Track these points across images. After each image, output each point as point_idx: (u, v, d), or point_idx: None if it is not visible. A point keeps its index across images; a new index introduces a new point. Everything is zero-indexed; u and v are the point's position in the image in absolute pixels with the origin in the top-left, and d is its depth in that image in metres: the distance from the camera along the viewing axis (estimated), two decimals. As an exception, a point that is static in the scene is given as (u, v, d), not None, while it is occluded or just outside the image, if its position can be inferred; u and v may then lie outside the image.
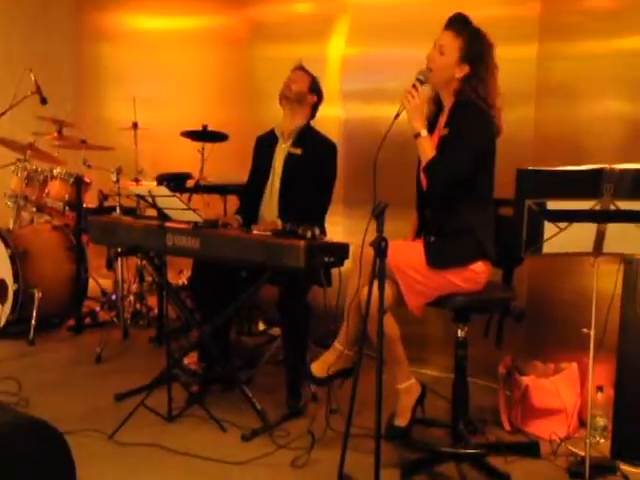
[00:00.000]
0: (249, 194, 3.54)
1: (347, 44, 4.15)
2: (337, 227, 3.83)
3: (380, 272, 2.21)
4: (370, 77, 4.05)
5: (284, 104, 3.39)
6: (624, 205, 1.97)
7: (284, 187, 3.37)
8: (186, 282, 4.37)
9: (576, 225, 2.03)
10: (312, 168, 3.30)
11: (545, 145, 3.27)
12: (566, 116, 3.25)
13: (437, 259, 2.53)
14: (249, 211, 3.48)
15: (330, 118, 4.16)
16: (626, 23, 3.03)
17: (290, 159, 3.37)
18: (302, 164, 3.33)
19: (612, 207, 1.97)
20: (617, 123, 3.08)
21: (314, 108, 3.44)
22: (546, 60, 3.30)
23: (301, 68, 3.44)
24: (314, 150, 3.34)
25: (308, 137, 3.38)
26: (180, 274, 4.59)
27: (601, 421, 2.89)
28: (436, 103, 2.75)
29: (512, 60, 3.33)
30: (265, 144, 3.51)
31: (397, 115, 2.53)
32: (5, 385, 3.24)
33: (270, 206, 3.42)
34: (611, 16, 3.09)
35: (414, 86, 2.58)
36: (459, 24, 2.59)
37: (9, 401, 3.07)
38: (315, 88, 3.42)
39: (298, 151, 3.36)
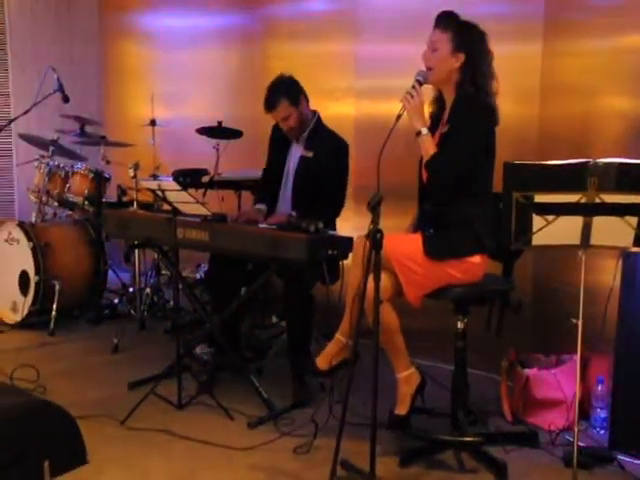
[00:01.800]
0: (267, 186, 3.61)
1: (359, 41, 4.21)
2: (347, 223, 3.89)
3: (376, 264, 2.27)
4: (381, 74, 4.09)
5: (294, 134, 3.43)
6: (609, 198, 2.00)
7: (297, 190, 3.45)
8: (203, 276, 4.47)
9: (563, 218, 2.07)
10: (324, 169, 3.35)
11: (549, 141, 3.30)
12: (570, 112, 3.27)
13: (435, 250, 2.59)
14: (269, 198, 3.55)
15: (341, 115, 4.23)
16: (629, 20, 3.05)
17: (302, 162, 3.44)
18: (314, 166, 3.38)
19: (597, 200, 2.01)
20: (619, 119, 3.11)
21: (307, 104, 3.44)
22: (550, 57, 3.32)
23: (269, 107, 3.36)
24: (325, 151, 3.38)
25: (319, 138, 3.43)
26: (197, 268, 4.69)
27: (601, 412, 2.92)
28: (439, 101, 2.80)
29: (517, 57, 3.40)
30: (281, 136, 3.54)
31: (399, 116, 2.59)
32: (24, 373, 3.36)
33: (284, 206, 3.50)
34: (614, 13, 3.11)
35: (413, 87, 2.64)
36: (444, 20, 2.67)
37: (27, 387, 3.20)
38: (294, 99, 3.35)
39: (310, 154, 3.41)
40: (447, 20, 2.67)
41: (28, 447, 2.36)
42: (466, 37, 2.65)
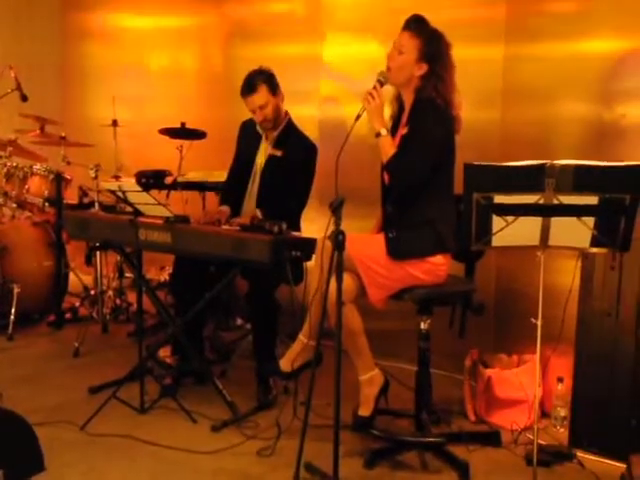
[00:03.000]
0: (233, 185, 3.59)
1: (323, 44, 4.21)
2: (312, 224, 3.89)
3: (338, 265, 2.27)
4: (346, 77, 4.11)
5: (268, 125, 3.42)
6: (566, 199, 2.04)
7: (263, 187, 3.44)
8: (168, 278, 4.43)
9: (522, 219, 2.10)
10: (291, 169, 3.35)
11: (511, 144, 3.35)
12: (531, 116, 3.33)
13: (397, 251, 2.60)
14: (233, 198, 3.53)
15: (306, 117, 4.21)
16: (588, 26, 3.11)
17: (271, 161, 3.43)
18: (282, 165, 3.38)
19: (555, 201, 2.04)
20: (578, 123, 3.16)
21: (283, 99, 3.44)
22: (512, 61, 3.38)
23: (249, 89, 3.32)
24: (294, 151, 3.38)
25: (289, 138, 3.42)
26: (162, 270, 4.64)
27: (561, 411, 2.97)
28: (399, 102, 2.81)
29: (479, 61, 3.45)
30: (249, 134, 3.53)
31: (358, 116, 2.61)
32: (-19, 379, 3.30)
33: (250, 203, 3.49)
34: (574, 19, 3.16)
35: (374, 87, 2.65)
36: (416, 25, 2.67)
37: (-17, 394, 3.13)
38: (274, 88, 3.35)
39: (279, 153, 3.41)
40: (418, 26, 2.67)
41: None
42: (433, 48, 2.65)
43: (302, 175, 3.40)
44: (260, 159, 3.48)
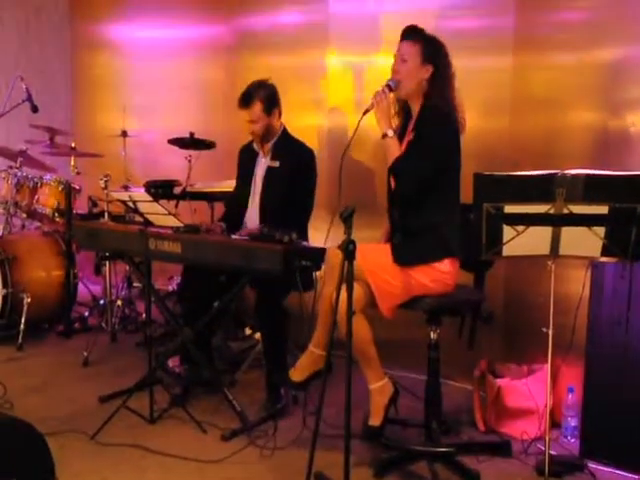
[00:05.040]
0: (234, 203, 3.63)
1: (332, 54, 4.24)
2: (321, 233, 3.90)
3: (348, 275, 2.27)
4: (353, 86, 4.13)
5: (256, 140, 3.45)
6: (576, 209, 2.04)
7: (265, 199, 3.45)
8: (176, 288, 4.44)
9: (533, 228, 2.10)
10: (290, 178, 3.36)
11: (520, 153, 3.35)
12: (539, 125, 3.33)
13: (402, 257, 2.61)
14: (234, 218, 3.55)
15: (314, 126, 4.26)
16: (595, 35, 3.12)
17: (269, 173, 3.45)
18: (280, 175, 3.39)
19: (565, 211, 2.04)
20: (587, 132, 3.16)
21: (279, 117, 3.46)
22: (521, 70, 3.38)
23: (244, 102, 3.36)
24: (291, 160, 3.40)
25: (284, 148, 3.44)
26: (170, 280, 4.65)
27: (572, 421, 2.95)
28: (404, 113, 2.84)
29: (488, 71, 3.47)
30: (247, 156, 3.58)
31: (366, 111, 2.63)
32: (-9, 389, 3.30)
33: (252, 217, 3.50)
34: (582, 28, 3.17)
35: (383, 90, 2.68)
36: (413, 33, 2.74)
37: (-7, 404, 3.14)
38: (269, 107, 3.36)
39: (276, 164, 3.43)
40: (415, 33, 2.74)
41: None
42: (434, 49, 2.72)
43: (302, 181, 3.40)
44: (259, 175, 3.50)
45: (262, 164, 3.50)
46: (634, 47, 3.02)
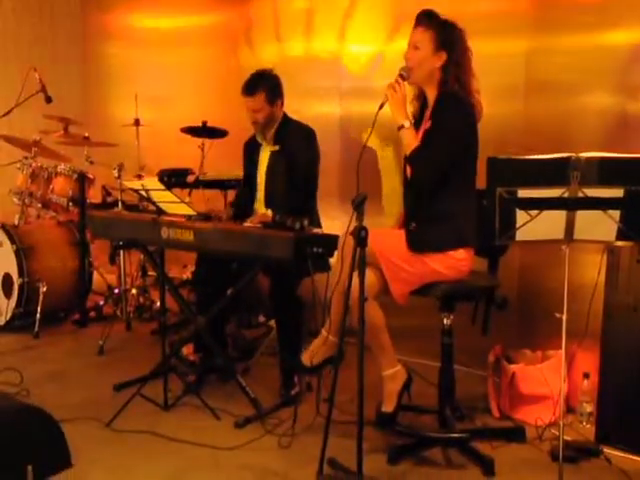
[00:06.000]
0: (244, 192, 3.65)
1: (345, 41, 4.21)
2: (334, 221, 3.89)
3: (360, 261, 2.26)
4: (366, 74, 4.10)
5: (257, 129, 3.45)
6: (591, 192, 2.01)
7: (270, 183, 3.46)
8: (190, 276, 4.45)
9: (547, 213, 2.07)
10: (293, 158, 3.36)
11: (534, 137, 3.31)
12: (554, 108, 3.29)
13: (417, 244, 2.60)
14: (244, 205, 3.56)
15: (327, 114, 4.24)
16: (609, 17, 3.07)
17: (272, 157, 3.46)
18: (283, 158, 3.40)
19: (580, 194, 2.01)
20: (602, 115, 3.12)
21: (281, 107, 3.45)
22: (535, 54, 3.34)
23: (247, 91, 3.35)
24: (291, 141, 3.39)
25: (285, 131, 3.43)
26: (184, 269, 4.67)
27: (587, 407, 2.93)
28: (421, 99, 2.80)
29: (502, 55, 3.44)
30: (251, 150, 3.59)
31: (382, 105, 2.60)
32: (8, 376, 3.34)
33: (260, 205, 3.52)
34: (598, 10, 3.12)
35: (397, 80, 2.64)
36: (426, 18, 2.67)
37: (10, 391, 3.16)
38: (272, 97, 3.35)
39: (276, 148, 3.44)
40: (428, 19, 2.67)
41: (10, 452, 2.33)
42: (448, 36, 2.65)
43: (304, 161, 3.39)
44: (262, 162, 3.50)
45: (265, 152, 3.50)
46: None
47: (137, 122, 4.63)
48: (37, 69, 4.39)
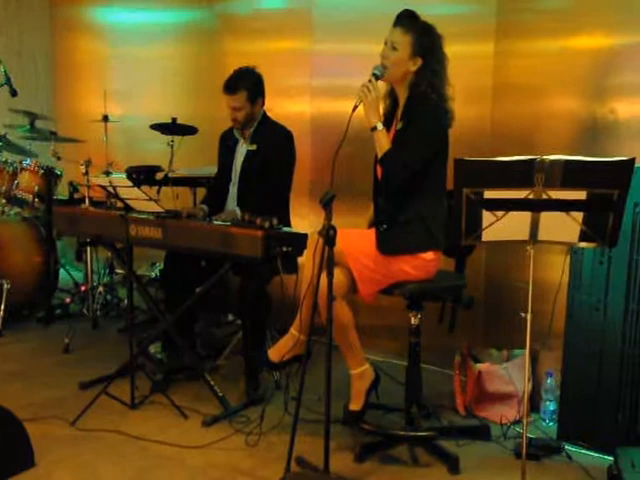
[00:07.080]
0: (216, 188, 3.64)
1: (315, 39, 4.21)
2: (304, 220, 3.90)
3: (329, 260, 2.27)
4: (337, 72, 4.11)
5: (237, 127, 3.45)
6: (555, 194, 2.05)
7: (243, 182, 3.46)
8: (159, 275, 4.42)
9: (512, 214, 2.11)
10: (268, 159, 3.37)
11: (501, 139, 3.36)
12: (521, 112, 3.33)
13: (387, 246, 2.61)
14: (215, 202, 3.55)
15: (297, 113, 4.24)
16: (577, 22, 3.12)
17: (248, 156, 3.46)
18: (259, 158, 3.40)
19: (544, 196, 2.05)
20: (568, 119, 3.17)
21: (262, 106, 3.46)
22: (502, 57, 3.38)
23: (229, 89, 3.35)
24: (268, 142, 3.40)
25: (263, 131, 3.44)
26: (152, 267, 4.63)
27: (551, 405, 2.99)
28: (392, 97, 2.81)
29: (470, 57, 3.46)
30: (227, 143, 3.58)
31: (355, 107, 2.59)
32: (-30, 375, 3.29)
33: (233, 198, 3.52)
34: (564, 15, 3.17)
35: (370, 81, 2.64)
36: (407, 20, 2.66)
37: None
38: (253, 96, 3.36)
39: (254, 147, 3.44)
40: (409, 21, 2.65)
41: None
42: (426, 42, 2.64)
43: (279, 162, 3.40)
44: (238, 160, 3.50)
45: (242, 150, 3.50)
46: (617, 34, 3.02)
47: (106, 118, 4.57)
48: (2, 61, 4.31)
